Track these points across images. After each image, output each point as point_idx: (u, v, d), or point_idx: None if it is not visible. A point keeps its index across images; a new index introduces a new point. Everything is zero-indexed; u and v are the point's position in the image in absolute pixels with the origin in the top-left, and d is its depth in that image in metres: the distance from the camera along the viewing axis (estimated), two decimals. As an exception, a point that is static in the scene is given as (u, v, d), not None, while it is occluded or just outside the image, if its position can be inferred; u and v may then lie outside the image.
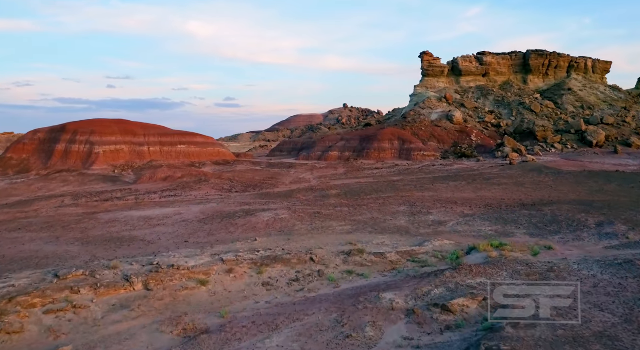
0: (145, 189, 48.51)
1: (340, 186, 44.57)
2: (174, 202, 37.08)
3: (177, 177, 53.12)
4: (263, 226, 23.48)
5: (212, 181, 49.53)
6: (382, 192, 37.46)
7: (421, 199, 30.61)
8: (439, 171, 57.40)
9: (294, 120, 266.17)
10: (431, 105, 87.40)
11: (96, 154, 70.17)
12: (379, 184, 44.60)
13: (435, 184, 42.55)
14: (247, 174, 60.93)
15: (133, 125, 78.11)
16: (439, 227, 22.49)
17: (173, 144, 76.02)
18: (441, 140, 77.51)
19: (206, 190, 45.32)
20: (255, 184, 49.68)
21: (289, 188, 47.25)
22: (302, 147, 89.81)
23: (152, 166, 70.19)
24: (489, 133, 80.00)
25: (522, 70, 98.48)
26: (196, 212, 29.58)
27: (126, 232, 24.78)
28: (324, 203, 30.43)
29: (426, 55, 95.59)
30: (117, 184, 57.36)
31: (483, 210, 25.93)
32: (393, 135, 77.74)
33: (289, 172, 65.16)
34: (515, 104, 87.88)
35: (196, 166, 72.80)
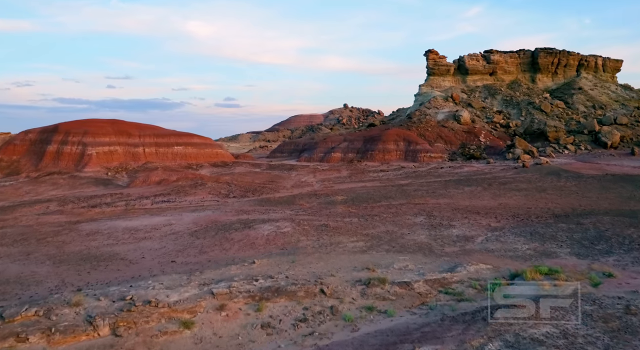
0: (138, 193, 45.58)
1: (345, 191, 41.64)
2: (166, 209, 34.19)
3: (172, 181, 50.17)
4: (262, 242, 20.52)
5: (208, 185, 46.61)
6: (392, 198, 34.51)
7: (437, 208, 27.70)
8: (448, 174, 54.44)
9: (294, 121, 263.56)
10: (437, 104, 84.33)
11: (89, 155, 67.20)
12: (387, 188, 41.68)
13: (448, 189, 39.61)
14: (246, 176, 58.00)
15: (128, 125, 75.11)
16: (466, 243, 19.53)
17: (169, 145, 73.05)
18: (448, 141, 74.49)
19: (202, 195, 42.38)
20: (255, 188, 46.75)
21: (291, 193, 44.30)
22: (304, 148, 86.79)
23: (147, 168, 67.20)
24: (498, 134, 76.98)
25: (531, 69, 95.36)
26: (188, 222, 26.64)
27: (107, 247, 21.84)
28: (330, 212, 27.50)
29: (431, 53, 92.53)
30: (109, 187, 54.42)
31: (511, 222, 22.98)
32: (398, 136, 74.73)
33: (290, 175, 62.20)
34: (524, 103, 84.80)
35: (193, 168, 69.82)
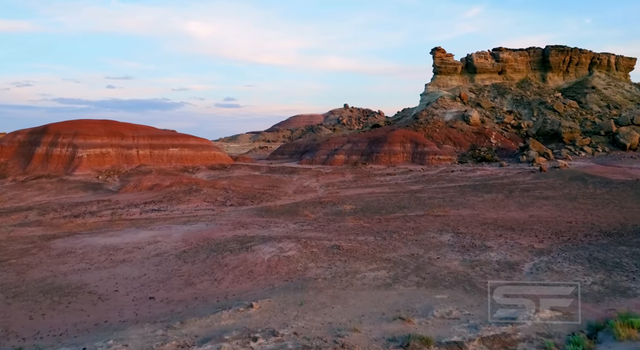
0: (127, 200, 42.11)
1: (353, 198, 38.16)
2: (156, 220, 30.72)
3: (165, 186, 46.68)
4: (262, 270, 16.97)
5: (204, 191, 43.12)
6: (407, 208, 31.02)
7: (462, 221, 24.19)
8: (461, 178, 50.98)
9: (294, 121, 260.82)
10: (445, 104, 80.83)
11: (79, 157, 63.70)
12: (399, 196, 38.18)
13: (466, 196, 36.11)
14: (245, 180, 54.51)
15: (121, 126, 71.59)
16: (511, 273, 15.98)
17: (164, 146, 69.54)
18: (457, 142, 71.01)
19: (196, 202, 38.90)
20: (254, 194, 43.25)
21: (293, 200, 40.84)
22: (305, 149, 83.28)
23: (140, 171, 63.72)
24: (509, 135, 73.49)
25: (541, 68, 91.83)
26: (177, 239, 23.11)
27: (77, 274, 18.30)
28: (339, 226, 24.00)
29: (438, 51, 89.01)
30: (98, 192, 50.93)
31: (557, 242, 19.45)
32: (405, 137, 71.27)
33: (291, 179, 58.73)
34: (536, 103, 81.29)
35: (189, 171, 66.33)
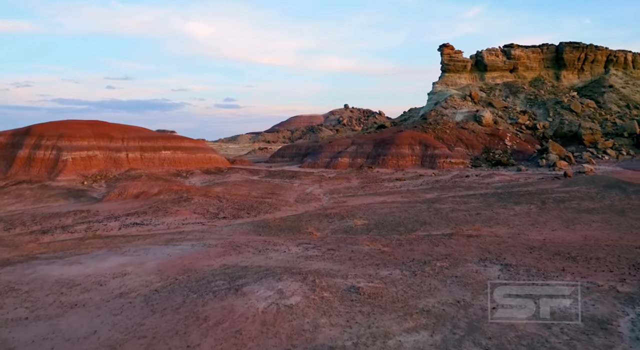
0: (109, 210, 37.60)
1: (362, 209, 33.61)
2: (134, 238, 26.19)
3: (152, 194, 42.16)
4: (255, 330, 12.19)
5: (195, 200, 38.58)
6: (429, 224, 26.47)
7: (503, 244, 19.56)
8: (478, 185, 46.47)
9: (294, 121, 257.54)
10: (454, 104, 76.34)
11: (63, 161, 59.25)
12: (415, 207, 33.60)
13: (493, 208, 31.54)
14: (241, 187, 49.99)
15: (110, 127, 67.11)
16: (607, 337, 11.25)
17: (156, 149, 65.06)
18: (469, 144, 66.53)
19: (185, 214, 34.37)
20: (251, 203, 38.71)
21: (295, 210, 36.32)
22: (307, 152, 78.78)
23: (129, 176, 59.20)
24: (524, 136, 68.98)
25: (555, 65, 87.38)
26: (151, 269, 18.52)
27: (5, 327, 13.60)
28: (353, 253, 19.48)
29: (446, 48, 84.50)
30: (80, 201, 46.41)
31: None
32: (413, 139, 66.78)
33: (292, 185, 54.22)
34: (551, 102, 76.82)
35: (182, 176, 61.81)
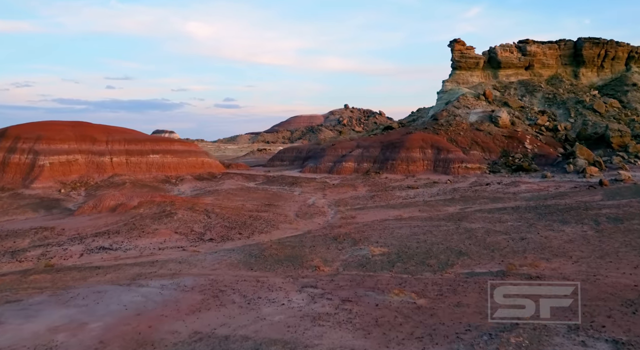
0: (77, 228, 31.95)
1: (377, 229, 27.96)
2: (93, 272, 20.59)
3: (131, 206, 36.52)
4: None
5: (179, 215, 32.91)
6: (467, 255, 20.81)
7: (585, 295, 13.96)
8: (504, 195, 40.79)
9: (294, 121, 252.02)
10: (467, 103, 70.74)
11: (40, 166, 53.55)
12: (440, 226, 27.92)
13: (537, 228, 25.84)
14: (235, 197, 44.35)
15: (93, 129, 61.38)
16: None
17: (143, 153, 59.39)
18: (486, 147, 60.98)
19: (164, 234, 28.72)
20: (244, 219, 33.03)
21: (295, 229, 30.66)
22: (308, 155, 73.10)
23: (112, 183, 53.61)
24: (545, 139, 63.36)
25: (573, 62, 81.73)
26: (92, 339, 13.00)
27: None
28: (378, 308, 14.00)
29: (457, 43, 78.87)
30: (51, 213, 40.77)
31: None
32: (424, 141, 61.17)
33: (292, 194, 48.55)
34: (572, 102, 71.25)
35: (171, 182, 56.21)
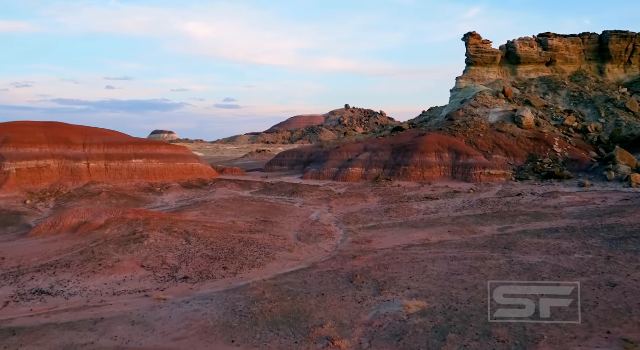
0: (20, 256, 25.39)
1: (403, 263, 21.43)
2: (3, 340, 14.08)
3: (97, 226, 30.01)
4: None
5: (151, 240, 26.35)
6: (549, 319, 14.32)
7: None
8: (545, 209, 34.21)
9: (294, 122, 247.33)
10: (486, 102, 64.22)
11: (5, 173, 47.00)
12: (485, 259, 21.30)
13: (620, 264, 19.23)
14: (225, 211, 37.77)
15: (69, 130, 54.76)
16: None
17: (125, 157, 52.83)
18: (510, 151, 54.46)
19: (127, 270, 22.18)
20: (232, 245, 26.44)
21: (296, 261, 24.11)
22: (310, 159, 66.54)
23: (86, 192, 47.08)
24: (574, 141, 56.86)
25: (598, 58, 75.19)
26: None
27: None
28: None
29: (473, 37, 72.35)
30: (4, 232, 34.02)
31: None
32: (441, 144, 54.64)
33: (292, 206, 41.97)
34: (601, 100, 64.79)
35: (155, 191, 49.68)
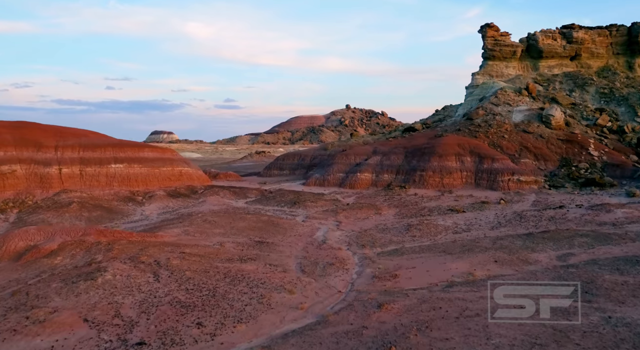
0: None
1: (448, 317, 15.16)
2: None
3: (47, 251, 23.72)
4: None
5: (109, 273, 20.07)
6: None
7: None
8: (602, 227, 27.98)
9: (294, 122, 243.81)
10: (508, 99, 58.03)
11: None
12: (569, 312, 14.91)
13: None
14: (212, 229, 31.46)
15: (40, 131, 48.34)
16: None
17: (103, 162, 46.52)
18: (539, 154, 48.27)
19: (60, 329, 15.65)
20: (215, 283, 20.11)
21: (299, 312, 17.61)
22: (313, 163, 60.22)
23: (56, 203, 40.73)
24: (610, 143, 50.69)
25: (627, 51, 69.06)
26: None
27: None
28: None
29: (490, 28, 66.13)
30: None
31: None
32: (461, 146, 48.37)
33: (293, 220, 35.61)
34: (635, 98, 58.65)
35: (136, 201, 43.38)
